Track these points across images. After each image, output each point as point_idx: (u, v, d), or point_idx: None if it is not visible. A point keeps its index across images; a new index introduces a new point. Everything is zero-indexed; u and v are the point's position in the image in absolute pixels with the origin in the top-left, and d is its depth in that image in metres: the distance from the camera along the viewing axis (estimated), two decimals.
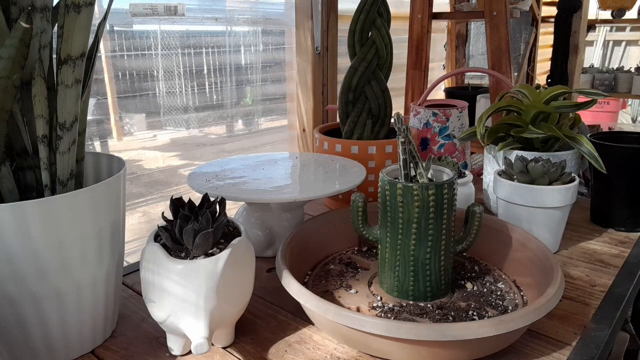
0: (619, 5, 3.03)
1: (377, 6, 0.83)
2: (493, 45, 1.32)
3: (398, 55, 1.24)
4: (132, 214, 1.06)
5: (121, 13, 0.95)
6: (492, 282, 0.59)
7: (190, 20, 1.06)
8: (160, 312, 0.46)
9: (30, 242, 0.41)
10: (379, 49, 0.84)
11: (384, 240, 0.55)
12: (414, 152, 0.51)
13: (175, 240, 0.46)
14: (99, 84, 0.98)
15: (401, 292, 0.55)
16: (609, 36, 4.24)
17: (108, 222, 0.47)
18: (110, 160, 0.56)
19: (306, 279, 0.61)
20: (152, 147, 1.12)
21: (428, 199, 0.50)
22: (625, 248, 0.73)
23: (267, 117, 1.37)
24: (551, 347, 0.50)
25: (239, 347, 0.51)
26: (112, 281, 0.51)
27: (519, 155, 0.72)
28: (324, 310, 0.46)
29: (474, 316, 0.52)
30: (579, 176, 0.84)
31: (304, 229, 0.64)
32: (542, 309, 0.45)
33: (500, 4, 1.30)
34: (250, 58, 1.25)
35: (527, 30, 2.23)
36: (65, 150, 0.45)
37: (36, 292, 0.43)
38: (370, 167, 0.83)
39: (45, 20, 0.43)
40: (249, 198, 0.61)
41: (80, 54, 0.42)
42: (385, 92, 0.87)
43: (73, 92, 0.43)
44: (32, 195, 0.47)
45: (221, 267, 0.44)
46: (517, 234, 0.62)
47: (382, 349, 0.46)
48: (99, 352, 0.50)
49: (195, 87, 1.15)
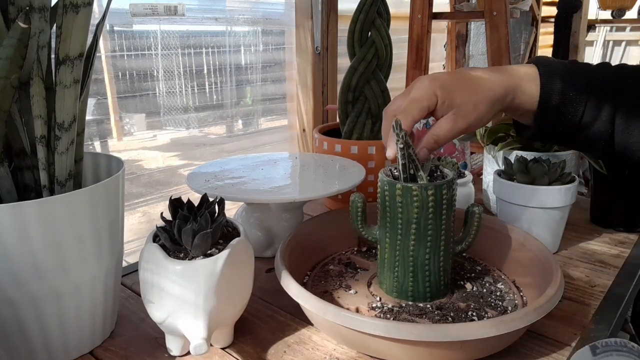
0: (619, 5, 3.03)
1: (376, 6, 0.83)
2: (493, 45, 1.32)
3: (398, 55, 1.24)
4: (132, 214, 1.06)
5: (121, 13, 0.95)
6: (492, 283, 0.59)
7: (190, 20, 1.06)
8: (159, 313, 0.46)
9: (28, 242, 0.41)
10: (378, 49, 0.84)
11: (383, 241, 0.55)
12: (413, 155, 0.51)
13: (174, 241, 0.46)
14: (99, 84, 0.98)
15: (400, 293, 0.55)
16: (609, 36, 4.23)
17: (107, 223, 0.47)
18: (109, 161, 0.56)
19: (305, 279, 0.61)
20: (152, 147, 1.12)
21: (427, 199, 0.50)
22: (625, 248, 0.73)
23: (267, 117, 1.37)
24: (551, 348, 0.50)
25: (238, 348, 0.51)
26: (111, 281, 0.51)
27: (519, 155, 0.72)
28: (323, 310, 0.46)
29: (473, 317, 0.51)
30: (579, 176, 0.84)
31: (304, 229, 0.64)
32: (541, 309, 0.45)
33: (500, 4, 1.30)
34: (250, 58, 1.25)
35: (527, 30, 2.23)
36: (63, 151, 0.45)
37: (35, 293, 0.43)
38: (370, 168, 0.83)
39: (43, 20, 0.43)
40: (248, 198, 0.61)
41: (78, 54, 0.42)
42: (385, 92, 0.87)
43: (71, 92, 0.43)
44: (30, 195, 0.47)
45: (220, 268, 0.44)
46: (517, 234, 0.62)
47: (381, 349, 0.46)
48: (98, 352, 0.50)
49: (195, 87, 1.15)
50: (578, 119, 0.51)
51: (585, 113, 0.51)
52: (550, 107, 0.52)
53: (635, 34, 4.09)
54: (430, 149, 0.52)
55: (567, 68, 0.52)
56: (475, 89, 0.51)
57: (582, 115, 0.51)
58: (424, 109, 0.51)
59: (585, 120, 0.51)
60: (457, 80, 0.52)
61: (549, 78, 0.52)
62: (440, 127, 0.51)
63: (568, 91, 0.51)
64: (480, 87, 0.51)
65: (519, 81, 0.52)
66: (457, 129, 0.51)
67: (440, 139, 0.52)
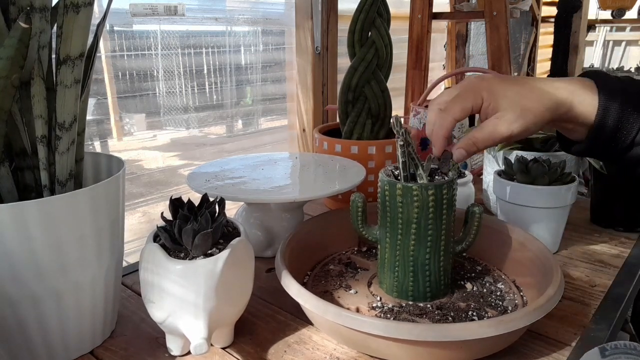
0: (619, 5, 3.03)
1: (376, 6, 0.83)
2: (493, 45, 1.32)
3: (398, 55, 1.24)
4: (132, 214, 1.06)
5: (121, 13, 0.95)
6: (492, 283, 0.59)
7: (190, 20, 1.06)
8: (159, 313, 0.46)
9: (29, 242, 0.41)
10: (378, 49, 0.84)
11: (384, 241, 0.55)
12: (413, 154, 0.51)
13: (174, 241, 0.46)
14: (99, 84, 0.98)
15: (401, 293, 0.55)
16: (609, 36, 4.23)
17: (107, 222, 0.47)
18: (109, 161, 0.56)
19: (306, 279, 0.61)
20: (152, 147, 1.12)
21: (427, 199, 0.50)
22: (625, 248, 0.73)
23: (267, 117, 1.37)
24: (551, 348, 0.50)
25: (238, 348, 0.51)
26: (112, 281, 0.51)
27: (519, 156, 0.72)
28: (323, 310, 0.46)
29: (473, 316, 0.52)
30: (579, 176, 0.84)
31: (304, 229, 0.64)
32: (541, 309, 0.45)
33: (500, 4, 1.30)
34: (250, 58, 1.25)
35: (527, 30, 2.23)
36: (64, 151, 0.45)
37: (35, 293, 0.43)
38: (370, 167, 0.83)
39: (44, 20, 0.43)
40: (248, 198, 0.61)
41: (79, 54, 0.42)
42: (385, 92, 0.87)
43: (72, 92, 0.43)
44: (31, 195, 0.47)
45: (220, 268, 0.44)
46: (517, 234, 0.62)
47: (381, 349, 0.46)
48: (98, 352, 0.50)
49: (195, 87, 1.15)
50: (632, 137, 0.49)
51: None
52: (607, 124, 0.50)
53: (635, 34, 4.09)
54: (468, 151, 0.50)
55: (623, 84, 0.51)
56: (524, 97, 0.49)
57: (636, 133, 0.49)
58: (467, 109, 0.49)
59: (639, 138, 0.49)
60: (508, 85, 0.50)
61: (607, 94, 0.50)
62: (481, 130, 0.50)
63: (626, 108, 0.49)
64: (530, 97, 0.49)
65: (574, 95, 0.50)
66: (499, 134, 0.49)
67: (479, 142, 0.50)
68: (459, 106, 0.49)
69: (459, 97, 0.50)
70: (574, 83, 0.51)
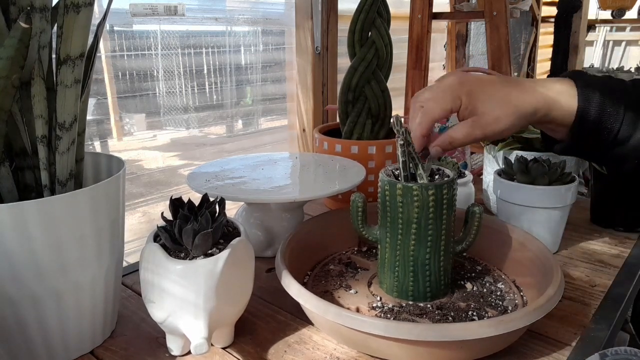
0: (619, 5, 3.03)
1: (376, 6, 0.83)
2: (493, 45, 1.32)
3: (398, 55, 1.24)
4: (132, 214, 1.06)
5: (121, 13, 0.95)
6: (492, 283, 0.59)
7: (190, 20, 1.06)
8: (159, 313, 0.46)
9: (29, 242, 0.41)
10: (378, 49, 0.84)
11: (384, 241, 0.55)
12: (413, 153, 0.51)
13: (174, 241, 0.46)
14: (99, 84, 0.98)
15: (401, 293, 0.55)
16: (609, 36, 4.23)
17: (107, 222, 0.47)
18: (109, 161, 0.56)
19: (306, 279, 0.61)
20: (152, 147, 1.12)
21: (428, 199, 0.50)
22: (625, 248, 0.73)
23: (267, 117, 1.37)
24: (551, 348, 0.50)
25: (239, 348, 0.51)
26: (112, 281, 0.51)
27: (519, 155, 0.72)
28: (323, 310, 0.46)
29: (473, 316, 0.52)
30: (579, 176, 0.84)
31: (304, 229, 0.64)
32: (542, 309, 0.45)
33: (500, 4, 1.30)
34: (250, 58, 1.25)
35: (527, 30, 2.23)
36: (64, 151, 0.45)
37: (35, 292, 0.43)
38: (370, 167, 0.83)
39: (44, 20, 0.43)
40: (248, 198, 0.61)
41: (79, 54, 0.42)
42: (385, 92, 0.87)
43: (72, 92, 0.43)
44: (31, 195, 0.47)
45: (220, 268, 0.44)
46: (517, 234, 0.62)
47: (381, 349, 0.46)
48: (99, 352, 0.50)
49: (195, 87, 1.15)
50: (614, 135, 0.50)
51: (622, 129, 0.50)
52: (587, 122, 0.51)
53: (635, 34, 4.09)
54: (445, 148, 0.53)
55: (604, 83, 0.52)
56: (501, 103, 0.51)
57: (617, 131, 0.50)
58: (447, 110, 0.52)
59: (621, 136, 0.50)
60: (486, 89, 0.52)
61: (587, 94, 0.51)
62: (458, 130, 0.52)
63: (606, 107, 0.50)
64: (507, 102, 0.51)
65: (554, 98, 0.51)
66: (474, 136, 0.52)
67: (455, 142, 0.52)
68: (438, 108, 0.52)
69: (440, 99, 0.52)
70: (556, 86, 0.52)
